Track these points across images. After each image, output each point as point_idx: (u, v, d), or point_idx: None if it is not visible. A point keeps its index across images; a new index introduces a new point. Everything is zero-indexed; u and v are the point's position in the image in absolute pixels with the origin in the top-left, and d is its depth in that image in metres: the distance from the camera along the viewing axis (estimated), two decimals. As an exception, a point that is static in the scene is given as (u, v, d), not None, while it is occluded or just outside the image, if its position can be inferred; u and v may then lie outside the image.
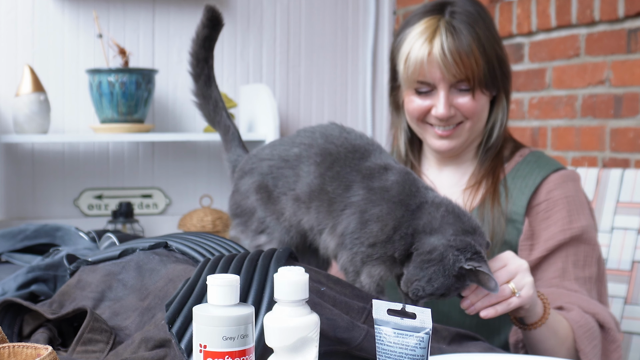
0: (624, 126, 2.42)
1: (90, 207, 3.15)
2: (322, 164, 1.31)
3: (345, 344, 1.09)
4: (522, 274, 1.29)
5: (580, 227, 1.53)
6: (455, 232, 1.24)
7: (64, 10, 3.08)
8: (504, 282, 1.28)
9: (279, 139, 1.41)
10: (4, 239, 1.81)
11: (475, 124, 1.58)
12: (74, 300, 1.26)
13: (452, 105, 1.55)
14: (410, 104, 1.59)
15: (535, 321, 1.35)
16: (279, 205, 1.35)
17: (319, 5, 3.42)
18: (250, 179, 1.38)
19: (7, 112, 2.96)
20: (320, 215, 1.30)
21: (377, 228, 1.25)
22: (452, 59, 1.51)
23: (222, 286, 0.83)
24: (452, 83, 1.53)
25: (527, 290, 1.29)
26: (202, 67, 1.46)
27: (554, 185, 1.57)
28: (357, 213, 1.27)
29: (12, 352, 0.81)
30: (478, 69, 1.53)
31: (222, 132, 1.49)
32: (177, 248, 1.32)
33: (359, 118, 3.50)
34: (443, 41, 1.51)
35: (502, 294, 1.27)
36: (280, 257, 1.14)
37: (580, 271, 1.52)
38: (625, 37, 2.39)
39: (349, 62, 3.48)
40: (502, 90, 1.60)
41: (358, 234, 1.26)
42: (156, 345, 1.05)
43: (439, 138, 1.59)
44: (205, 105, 1.48)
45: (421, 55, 1.52)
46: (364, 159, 1.31)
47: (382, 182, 1.28)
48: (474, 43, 1.53)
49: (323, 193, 1.30)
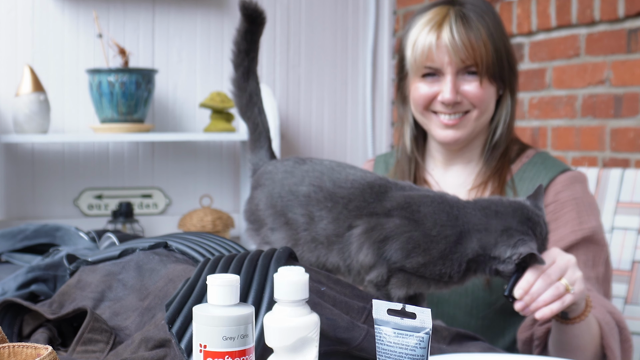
0: (624, 126, 2.41)
1: (90, 207, 3.15)
2: (334, 209, 1.30)
3: (345, 344, 1.09)
4: (572, 269, 1.26)
5: (591, 228, 1.53)
6: None
7: (64, 10, 3.08)
8: (556, 280, 1.24)
9: (291, 164, 1.38)
10: (4, 239, 1.81)
11: (481, 114, 1.57)
12: (74, 301, 1.26)
13: (458, 92, 1.55)
14: (417, 92, 1.58)
15: (578, 315, 1.32)
16: (291, 229, 1.33)
17: (319, 5, 3.42)
18: (263, 193, 1.37)
19: (7, 112, 2.96)
20: (345, 252, 1.29)
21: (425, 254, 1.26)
22: (461, 42, 1.52)
23: (222, 286, 0.83)
24: (459, 68, 1.54)
25: (579, 285, 1.25)
26: (242, 58, 1.44)
27: (562, 187, 1.57)
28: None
29: (12, 352, 0.81)
30: (487, 55, 1.53)
31: (251, 128, 1.46)
32: (177, 248, 1.32)
33: (359, 118, 3.50)
34: (452, 26, 1.52)
35: (557, 292, 1.23)
36: (280, 257, 1.14)
37: (590, 271, 1.51)
38: (625, 37, 2.39)
39: (349, 62, 3.48)
40: (507, 87, 1.60)
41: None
42: (156, 345, 1.05)
43: (444, 128, 1.58)
44: (240, 97, 1.45)
45: (429, 40, 1.53)
46: (384, 193, 1.31)
47: None
48: (484, 30, 1.54)
49: (341, 234, 1.29)
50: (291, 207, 1.32)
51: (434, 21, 1.54)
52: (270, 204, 1.35)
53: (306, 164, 1.36)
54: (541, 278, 1.23)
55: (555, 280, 1.24)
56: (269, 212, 1.35)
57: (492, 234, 1.25)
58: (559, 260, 1.26)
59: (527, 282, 1.23)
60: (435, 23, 1.54)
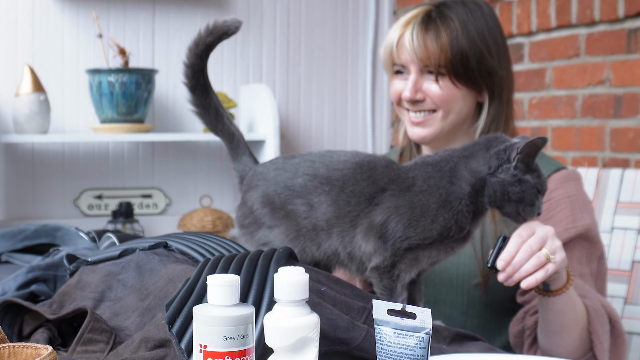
0: (624, 126, 2.42)
1: (90, 207, 3.15)
2: (332, 191, 1.30)
3: (345, 344, 1.09)
4: (551, 239, 1.29)
5: (584, 226, 1.54)
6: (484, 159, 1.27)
7: (64, 10, 3.08)
8: (537, 250, 1.27)
9: (280, 160, 1.38)
10: (4, 239, 1.81)
11: (446, 114, 1.59)
12: (74, 301, 1.26)
13: (420, 90, 1.59)
14: (391, 87, 1.64)
15: (559, 287, 1.35)
16: (291, 221, 1.33)
17: (319, 5, 3.42)
18: (256, 194, 1.36)
19: (7, 112, 2.96)
20: (345, 237, 1.29)
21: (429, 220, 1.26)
22: (417, 43, 1.56)
23: (222, 286, 0.83)
24: (420, 67, 1.58)
25: (560, 254, 1.29)
26: (198, 78, 1.40)
27: (556, 185, 1.57)
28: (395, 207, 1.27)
29: (12, 352, 0.81)
30: (444, 57, 1.55)
31: (227, 140, 1.43)
32: (177, 248, 1.32)
33: (359, 118, 3.50)
34: (415, 26, 1.57)
35: (539, 261, 1.26)
36: (280, 257, 1.14)
37: (584, 267, 1.53)
38: (625, 37, 2.39)
39: (349, 62, 3.48)
40: (487, 92, 1.59)
41: None
42: (156, 345, 1.05)
43: (413, 125, 1.62)
44: (206, 115, 1.42)
45: (392, 38, 1.60)
46: (374, 170, 1.31)
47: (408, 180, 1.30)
48: (446, 31, 1.56)
49: (341, 216, 1.29)
50: (290, 200, 1.32)
51: (404, 20, 1.60)
52: (266, 202, 1.34)
53: (295, 157, 1.37)
54: (522, 249, 1.26)
55: (537, 251, 1.27)
56: (266, 211, 1.34)
57: (478, 155, 1.27)
58: (539, 230, 1.28)
59: (509, 254, 1.26)
60: (405, 22, 1.60)
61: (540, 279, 1.26)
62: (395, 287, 1.28)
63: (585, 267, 1.53)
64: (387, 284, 1.27)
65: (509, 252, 1.26)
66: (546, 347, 1.44)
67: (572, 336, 1.40)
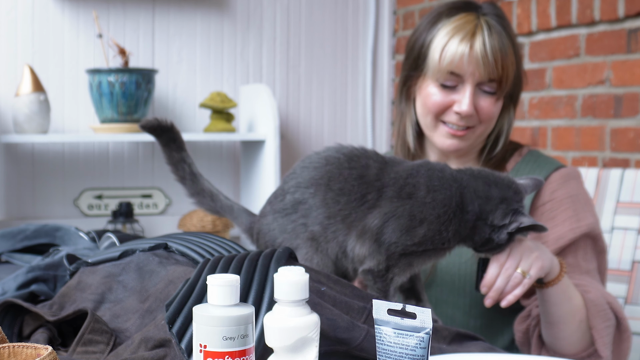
0: (624, 126, 2.42)
1: (90, 207, 3.15)
2: (318, 192, 1.30)
3: (345, 344, 1.09)
4: (526, 254, 1.35)
5: (588, 225, 1.55)
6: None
7: (64, 10, 3.08)
8: (514, 272, 1.34)
9: (272, 194, 1.38)
10: (4, 239, 1.81)
11: (486, 129, 1.59)
12: (74, 302, 1.26)
13: (473, 105, 1.54)
14: (430, 98, 1.56)
15: (552, 279, 1.40)
16: (302, 240, 1.33)
17: (319, 5, 3.42)
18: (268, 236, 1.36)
19: (7, 112, 2.96)
20: (339, 237, 1.29)
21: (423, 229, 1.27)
22: (492, 57, 1.51)
23: (222, 286, 0.83)
24: (479, 82, 1.53)
25: (535, 267, 1.35)
26: (182, 167, 1.46)
27: (557, 185, 1.57)
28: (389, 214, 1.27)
29: (12, 352, 0.81)
30: (511, 72, 1.54)
31: (228, 214, 1.44)
32: (177, 249, 1.32)
33: (359, 118, 3.50)
34: (486, 38, 1.51)
35: (515, 282, 1.34)
36: (280, 257, 1.14)
37: (589, 264, 1.56)
38: (625, 37, 2.39)
39: (349, 62, 3.48)
40: (512, 99, 1.61)
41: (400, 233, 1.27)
42: (156, 345, 1.05)
43: (450, 137, 1.57)
44: (203, 201, 1.44)
45: (462, 49, 1.51)
46: (366, 169, 1.30)
47: None
48: (510, 45, 1.54)
49: (332, 216, 1.29)
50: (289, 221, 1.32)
51: (466, 30, 1.52)
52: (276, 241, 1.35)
53: (284, 186, 1.36)
54: (501, 274, 1.34)
55: (513, 273, 1.34)
56: None
57: (492, 202, 1.29)
58: (513, 252, 1.34)
59: (490, 279, 1.35)
60: (468, 32, 1.52)
61: (518, 294, 1.35)
62: (388, 290, 1.29)
63: (590, 264, 1.56)
64: (381, 287, 1.29)
65: (490, 278, 1.34)
66: (549, 340, 1.47)
67: (571, 327, 1.44)
